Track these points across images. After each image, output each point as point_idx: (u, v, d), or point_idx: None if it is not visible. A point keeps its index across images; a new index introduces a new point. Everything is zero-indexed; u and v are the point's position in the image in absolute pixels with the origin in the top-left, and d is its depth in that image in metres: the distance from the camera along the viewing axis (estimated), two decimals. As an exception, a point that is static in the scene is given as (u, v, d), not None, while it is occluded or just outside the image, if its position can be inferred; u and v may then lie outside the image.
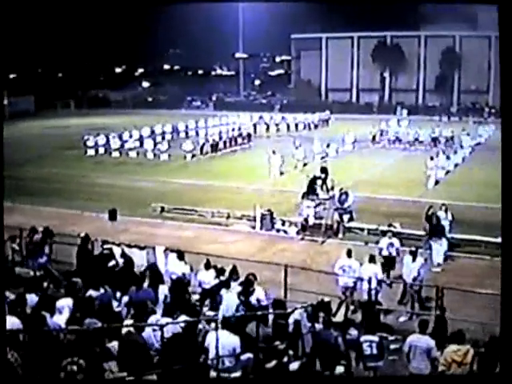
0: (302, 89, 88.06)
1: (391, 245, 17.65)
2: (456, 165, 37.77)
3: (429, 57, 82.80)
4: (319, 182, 26.13)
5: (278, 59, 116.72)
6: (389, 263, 17.26)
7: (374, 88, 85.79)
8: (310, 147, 39.42)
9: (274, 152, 34.10)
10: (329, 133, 51.98)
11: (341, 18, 74.72)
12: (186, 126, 54.64)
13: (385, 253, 17.58)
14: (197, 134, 51.19)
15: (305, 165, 36.23)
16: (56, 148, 46.24)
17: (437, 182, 31.73)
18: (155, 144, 44.38)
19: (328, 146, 40.47)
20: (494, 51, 78.67)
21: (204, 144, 43.89)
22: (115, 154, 43.57)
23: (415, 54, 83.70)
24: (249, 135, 49.79)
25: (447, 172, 34.59)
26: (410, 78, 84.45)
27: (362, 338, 11.42)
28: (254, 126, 56.15)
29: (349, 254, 15.87)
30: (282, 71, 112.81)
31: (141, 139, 46.74)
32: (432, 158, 32.42)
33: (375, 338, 11.40)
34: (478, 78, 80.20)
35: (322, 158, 37.57)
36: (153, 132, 49.86)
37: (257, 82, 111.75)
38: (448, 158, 36.12)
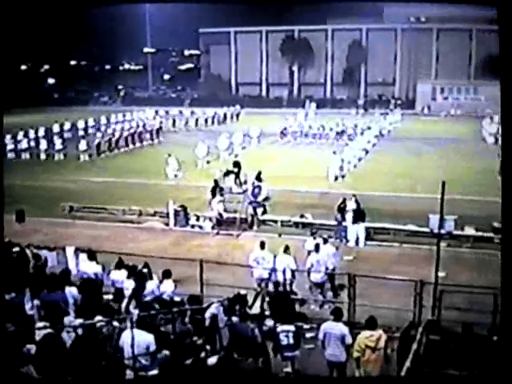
0: (212, 83, 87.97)
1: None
2: (366, 152, 38.83)
3: (336, 50, 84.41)
4: (232, 176, 26.16)
5: (186, 53, 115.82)
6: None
7: (284, 82, 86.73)
8: (227, 141, 39.39)
9: (169, 155, 33.41)
10: (239, 127, 51.84)
11: (249, 12, 75.01)
12: (86, 123, 52.71)
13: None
14: (98, 130, 49.20)
15: (218, 158, 36.39)
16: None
17: (343, 176, 32.07)
18: (50, 143, 42.05)
19: (234, 140, 40.52)
20: (400, 43, 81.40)
21: (100, 143, 42.17)
22: (10, 155, 40.90)
23: (323, 47, 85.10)
24: (157, 131, 49.16)
25: (355, 164, 35.33)
26: (318, 72, 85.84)
27: (279, 328, 11.49)
28: (161, 121, 55.25)
29: (262, 245, 16.02)
30: (191, 65, 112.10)
31: (37, 139, 43.82)
32: (335, 152, 32.97)
33: (291, 328, 11.51)
34: (384, 71, 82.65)
35: (230, 154, 37.62)
36: (50, 130, 47.18)
37: (166, 77, 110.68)
38: (353, 149, 36.88)
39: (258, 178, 25.67)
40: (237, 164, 28.91)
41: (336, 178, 31.40)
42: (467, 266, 18.74)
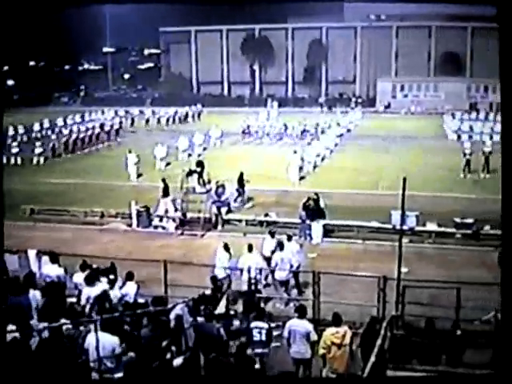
0: (173, 82, 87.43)
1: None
2: (330, 152, 39.05)
3: (297, 49, 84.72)
4: (195, 175, 26.06)
5: (146, 52, 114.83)
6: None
7: (245, 81, 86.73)
8: (187, 142, 39.14)
9: (130, 151, 33.17)
10: (200, 126, 51.24)
11: (209, 11, 74.70)
12: (41, 125, 51.22)
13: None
14: (53, 132, 48.19)
15: (189, 155, 36.86)
16: None
17: (301, 178, 31.66)
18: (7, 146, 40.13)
19: (195, 140, 40.09)
20: (360, 42, 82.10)
21: (54, 145, 41.37)
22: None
23: (283, 46, 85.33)
24: (117, 131, 48.66)
25: (317, 163, 35.42)
26: (279, 70, 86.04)
27: (253, 324, 11.56)
28: (121, 121, 54.47)
29: (226, 247, 16.00)
30: (151, 65, 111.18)
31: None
32: (295, 152, 32.76)
33: (265, 325, 11.57)
34: (345, 69, 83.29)
35: (190, 155, 37.33)
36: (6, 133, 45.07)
37: (126, 76, 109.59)
38: (316, 148, 36.98)
39: (241, 180, 26.11)
40: (200, 163, 28.89)
41: (299, 178, 31.33)
42: (429, 261, 19.03)
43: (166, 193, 23.71)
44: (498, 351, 10.96)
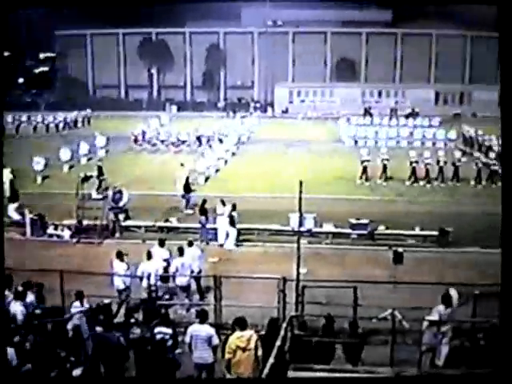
0: (69, 86, 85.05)
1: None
2: (228, 156, 39.12)
3: (195, 53, 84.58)
4: (92, 181, 25.48)
5: (42, 56, 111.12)
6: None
7: (143, 84, 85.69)
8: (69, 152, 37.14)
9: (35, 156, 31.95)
10: (90, 132, 48.70)
11: (105, 14, 73.18)
12: None
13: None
14: None
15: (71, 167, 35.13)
16: None
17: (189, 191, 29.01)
18: None
19: (81, 150, 38.32)
20: (258, 47, 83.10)
21: None
22: None
23: (181, 50, 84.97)
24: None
25: (213, 168, 35.08)
26: (177, 75, 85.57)
27: (156, 330, 11.45)
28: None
29: (119, 256, 15.67)
30: (46, 69, 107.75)
31: None
32: (182, 165, 30.79)
33: (169, 330, 11.43)
34: (243, 74, 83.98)
35: (71, 167, 35.69)
36: None
37: (20, 81, 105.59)
38: (213, 154, 36.69)
39: (187, 186, 26.20)
40: (99, 169, 28.39)
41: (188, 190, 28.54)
42: (327, 261, 19.45)
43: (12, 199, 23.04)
44: (392, 348, 11.37)
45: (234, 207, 21.61)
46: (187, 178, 26.92)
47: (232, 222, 21.33)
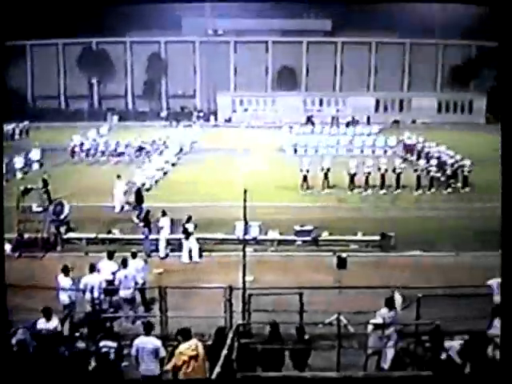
0: (8, 97, 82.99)
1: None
2: (170, 165, 38.86)
3: (136, 63, 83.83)
4: (33, 193, 24.86)
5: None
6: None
7: (83, 94, 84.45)
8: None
9: None
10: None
11: (45, 24, 71.87)
12: None
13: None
14: None
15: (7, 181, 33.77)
16: None
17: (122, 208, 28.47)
18: None
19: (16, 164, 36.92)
20: (199, 56, 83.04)
21: None
22: None
23: (122, 59, 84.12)
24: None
25: (156, 178, 34.82)
26: (119, 84, 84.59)
27: (102, 343, 11.29)
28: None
29: (64, 270, 15.36)
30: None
31: None
32: (119, 176, 29.75)
33: (114, 344, 11.27)
34: (185, 83, 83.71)
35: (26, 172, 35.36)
36: None
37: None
38: (154, 164, 36.28)
39: (139, 197, 26.02)
40: (44, 181, 27.92)
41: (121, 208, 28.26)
42: (273, 268, 19.54)
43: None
44: (339, 353, 11.48)
45: (188, 219, 21.32)
46: (139, 189, 26.61)
47: (187, 234, 21.04)
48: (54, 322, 12.68)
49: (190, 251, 20.97)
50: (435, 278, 17.63)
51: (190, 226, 21.15)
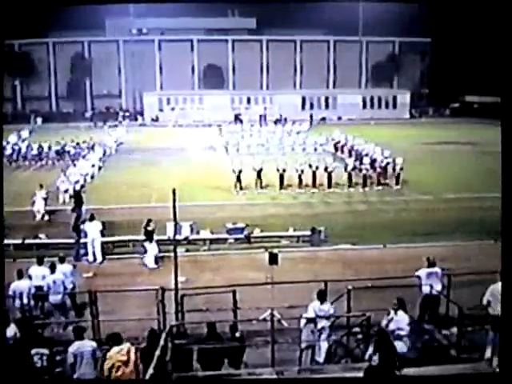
0: None
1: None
2: (97, 168, 38.14)
3: (59, 63, 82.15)
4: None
5: None
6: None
7: (6, 97, 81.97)
8: None
9: None
10: None
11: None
12: None
13: None
14: None
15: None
16: None
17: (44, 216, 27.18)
18: None
19: None
20: (123, 55, 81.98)
21: None
22: None
23: (45, 61, 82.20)
24: None
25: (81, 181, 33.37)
26: (42, 85, 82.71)
27: (33, 351, 11.01)
28: None
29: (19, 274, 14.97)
30: None
31: None
32: (42, 186, 27.84)
33: (45, 351, 11.02)
34: (110, 83, 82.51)
35: None
36: None
37: None
38: (78, 168, 34.44)
39: (78, 199, 25.23)
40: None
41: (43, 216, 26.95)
42: (206, 267, 19.52)
43: None
44: (272, 349, 11.59)
45: (148, 222, 20.75)
46: (79, 191, 25.92)
47: (150, 237, 20.42)
48: None
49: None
50: (363, 270, 18.05)
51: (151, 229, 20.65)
